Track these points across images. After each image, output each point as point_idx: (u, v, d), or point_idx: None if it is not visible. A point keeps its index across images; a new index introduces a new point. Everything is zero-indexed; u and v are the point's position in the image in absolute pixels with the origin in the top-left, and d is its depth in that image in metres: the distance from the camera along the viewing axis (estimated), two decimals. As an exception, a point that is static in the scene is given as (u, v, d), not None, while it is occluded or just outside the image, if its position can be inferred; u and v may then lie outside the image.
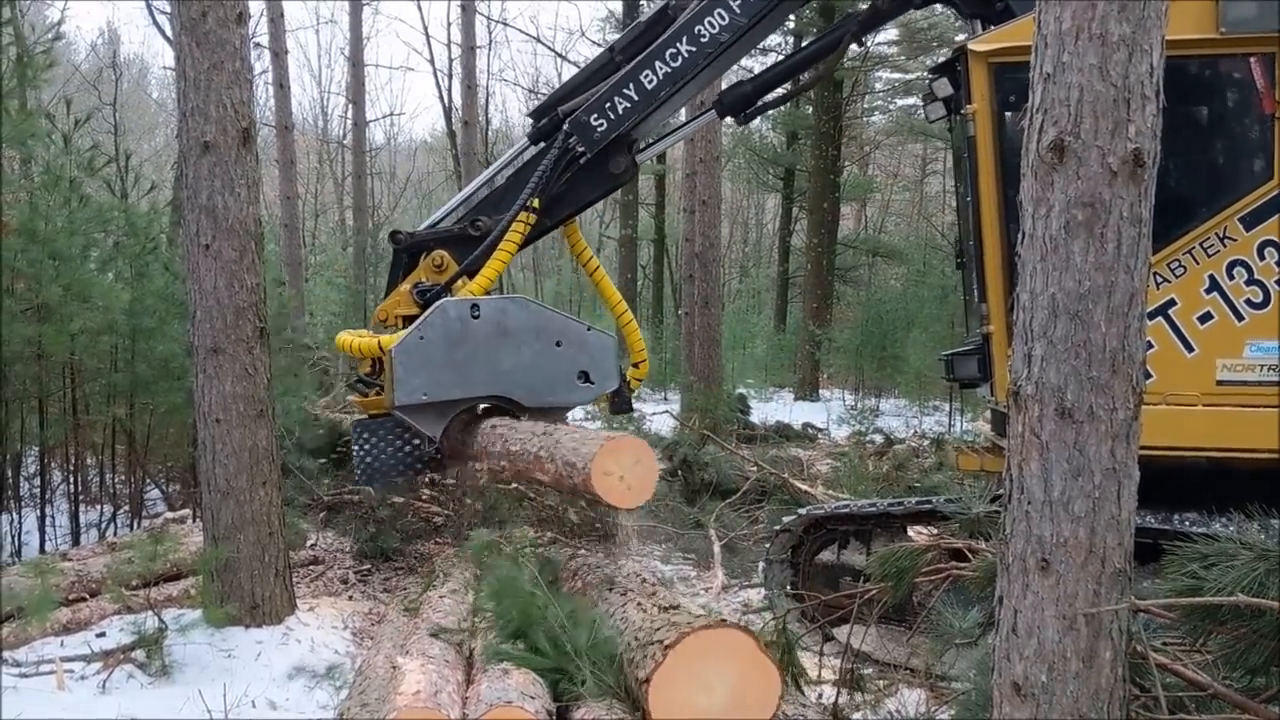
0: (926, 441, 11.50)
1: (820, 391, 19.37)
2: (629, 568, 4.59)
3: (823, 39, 5.97)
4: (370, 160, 24.83)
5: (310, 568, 6.58)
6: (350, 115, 21.23)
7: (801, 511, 5.57)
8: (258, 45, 16.06)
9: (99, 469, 7.79)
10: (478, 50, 17.87)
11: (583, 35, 51.84)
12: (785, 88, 6.54)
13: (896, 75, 23.51)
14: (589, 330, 5.56)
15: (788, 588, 5.42)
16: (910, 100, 22.84)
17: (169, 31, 9.35)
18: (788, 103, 15.62)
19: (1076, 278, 2.38)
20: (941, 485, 7.65)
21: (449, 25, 39.02)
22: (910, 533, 4.85)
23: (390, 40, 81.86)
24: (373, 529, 6.86)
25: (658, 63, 5.46)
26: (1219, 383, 4.55)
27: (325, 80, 46.48)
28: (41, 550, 6.61)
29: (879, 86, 24.71)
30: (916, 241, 25.36)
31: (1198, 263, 4.56)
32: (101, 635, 4.94)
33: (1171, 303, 4.58)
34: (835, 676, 4.03)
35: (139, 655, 4.63)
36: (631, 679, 3.39)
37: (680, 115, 6.93)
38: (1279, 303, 4.48)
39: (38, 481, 7.20)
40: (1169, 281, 4.57)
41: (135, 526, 7.32)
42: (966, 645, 3.36)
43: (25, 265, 6.23)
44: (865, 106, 25.26)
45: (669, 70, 5.46)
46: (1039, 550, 2.43)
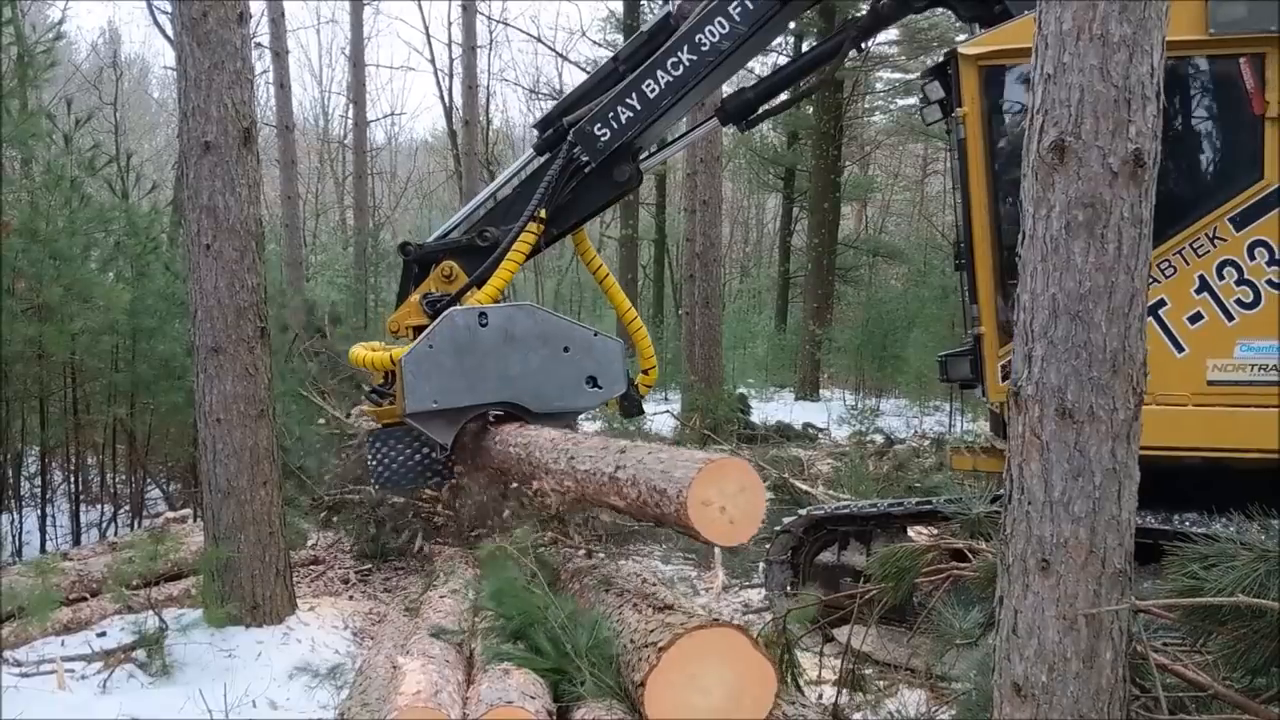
0: (927, 441, 11.47)
1: (821, 391, 19.37)
2: (628, 568, 4.58)
3: (823, 45, 6.05)
4: (371, 160, 24.83)
5: (311, 567, 6.60)
6: (351, 115, 21.22)
7: (802, 512, 5.57)
8: (259, 45, 16.04)
9: (100, 469, 7.80)
10: (478, 50, 17.88)
11: (583, 35, 51.81)
12: (787, 93, 6.58)
13: (897, 75, 23.46)
14: (596, 335, 5.62)
15: (788, 588, 5.42)
16: (911, 100, 22.75)
17: (170, 31, 9.34)
18: (790, 108, 15.65)
19: (1077, 278, 2.38)
20: (942, 486, 7.60)
21: (450, 25, 38.99)
22: (911, 533, 4.85)
23: (391, 40, 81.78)
24: (373, 529, 6.86)
25: (659, 72, 5.54)
26: (1209, 383, 4.54)
27: (326, 80, 46.41)
28: (42, 550, 6.62)
29: (880, 86, 24.66)
30: (917, 241, 25.39)
31: (1188, 263, 4.55)
32: (102, 635, 4.95)
33: (1162, 303, 4.57)
34: (835, 676, 4.02)
35: (140, 655, 4.63)
36: (628, 681, 3.39)
37: (682, 124, 6.95)
38: (1269, 303, 4.47)
39: (38, 481, 7.22)
40: (1159, 281, 4.55)
41: (136, 526, 7.33)
42: (967, 646, 3.35)
43: (26, 265, 6.25)
44: (866, 106, 25.21)
45: (671, 79, 5.53)
46: (1039, 550, 2.43)
